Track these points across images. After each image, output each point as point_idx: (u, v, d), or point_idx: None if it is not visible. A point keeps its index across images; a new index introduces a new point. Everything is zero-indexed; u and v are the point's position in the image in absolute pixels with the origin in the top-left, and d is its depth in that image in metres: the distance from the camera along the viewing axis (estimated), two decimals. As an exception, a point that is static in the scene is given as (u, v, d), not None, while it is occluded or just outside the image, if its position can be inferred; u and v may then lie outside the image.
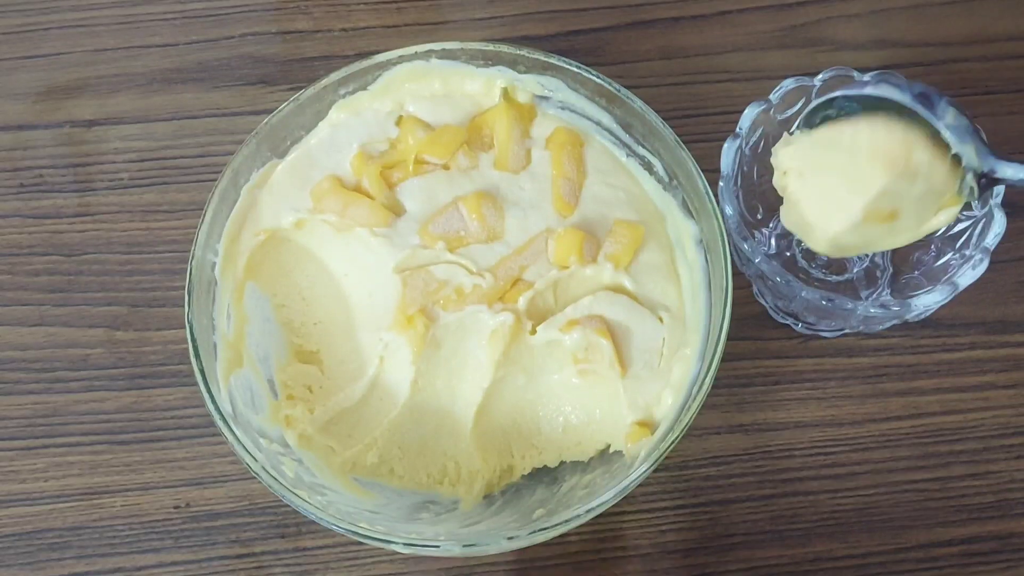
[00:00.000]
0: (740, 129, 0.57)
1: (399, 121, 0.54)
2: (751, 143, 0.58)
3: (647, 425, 0.49)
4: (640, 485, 0.56)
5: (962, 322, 0.61)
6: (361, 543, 0.55)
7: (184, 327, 0.48)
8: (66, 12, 0.71)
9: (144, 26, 0.70)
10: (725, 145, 0.56)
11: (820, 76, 0.57)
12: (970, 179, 0.48)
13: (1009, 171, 0.48)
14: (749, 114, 0.57)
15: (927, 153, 0.48)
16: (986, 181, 0.48)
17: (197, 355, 0.47)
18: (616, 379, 0.50)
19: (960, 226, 0.57)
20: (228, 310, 0.51)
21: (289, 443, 0.50)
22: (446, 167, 0.53)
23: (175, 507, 0.57)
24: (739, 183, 0.58)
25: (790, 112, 0.59)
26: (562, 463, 0.52)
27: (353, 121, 0.54)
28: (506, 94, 0.55)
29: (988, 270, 0.54)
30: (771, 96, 0.57)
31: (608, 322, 0.50)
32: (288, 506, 0.56)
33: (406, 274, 0.50)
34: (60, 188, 0.65)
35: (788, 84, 0.57)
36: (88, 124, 0.67)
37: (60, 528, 0.56)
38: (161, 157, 0.66)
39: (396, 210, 0.52)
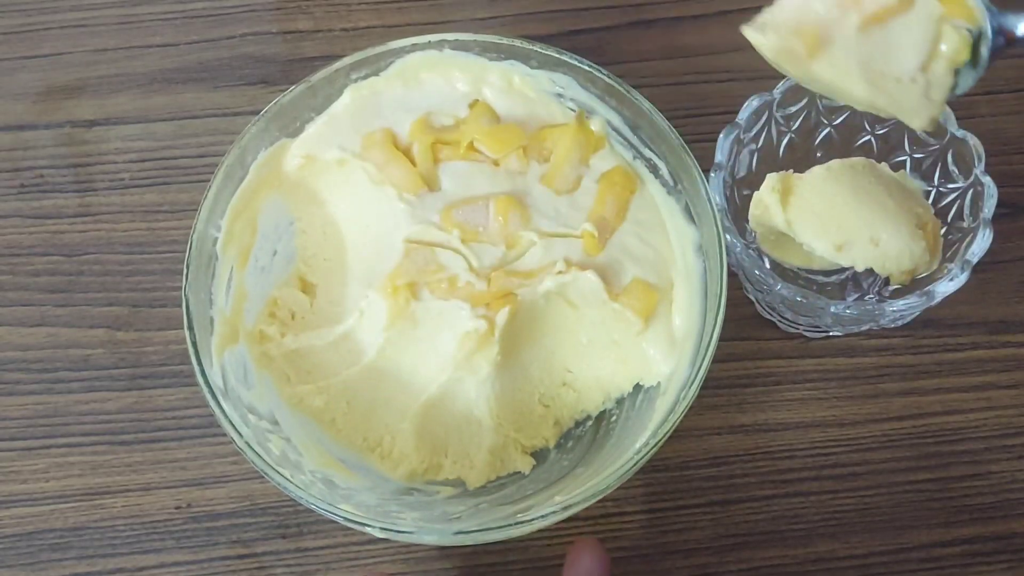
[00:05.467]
0: (740, 119, 0.57)
1: (473, 104, 0.55)
2: (752, 135, 0.58)
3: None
4: (642, 485, 0.57)
5: (963, 322, 0.61)
6: (362, 543, 0.56)
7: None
8: (66, 12, 0.71)
9: (144, 26, 0.70)
10: (721, 135, 0.56)
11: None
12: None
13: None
14: (750, 105, 0.57)
15: None
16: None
17: (191, 327, 0.48)
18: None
19: (949, 237, 0.57)
20: (228, 284, 0.52)
21: (251, 361, 0.51)
22: (496, 163, 0.53)
23: (176, 507, 0.57)
24: (736, 174, 0.58)
25: (792, 108, 0.59)
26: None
27: (430, 87, 0.55)
28: (580, 117, 0.54)
29: (989, 270, 0.54)
30: (774, 91, 0.57)
31: None
32: (289, 506, 0.56)
33: (412, 246, 0.51)
34: (61, 188, 0.65)
35: (792, 80, 0.57)
36: (88, 124, 0.67)
37: (61, 529, 0.56)
38: (162, 157, 0.66)
39: (431, 184, 0.53)
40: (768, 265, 0.55)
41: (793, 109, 0.59)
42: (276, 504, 0.57)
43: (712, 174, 0.55)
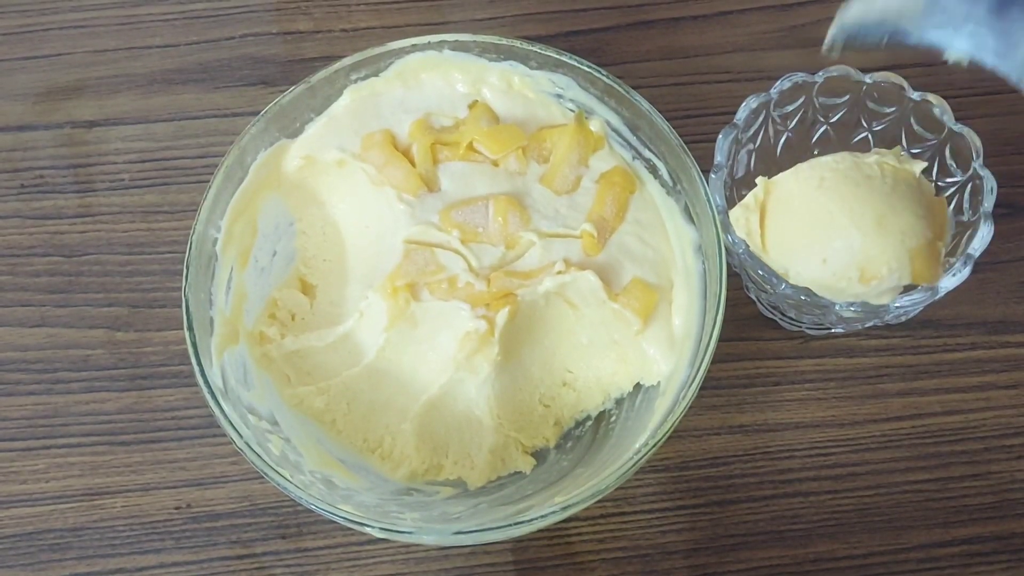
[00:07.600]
0: (738, 120, 0.57)
1: (472, 105, 0.55)
2: (749, 134, 0.58)
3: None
4: (641, 486, 0.57)
5: (963, 322, 0.61)
6: (361, 543, 0.56)
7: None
8: (66, 13, 0.71)
9: (144, 27, 0.70)
10: (720, 135, 0.56)
11: (821, 73, 0.58)
12: None
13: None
14: (748, 105, 0.57)
15: None
16: None
17: (191, 328, 0.48)
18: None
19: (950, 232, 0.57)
20: (228, 285, 0.52)
21: (251, 362, 0.51)
22: (495, 164, 0.54)
23: (176, 508, 0.57)
24: (735, 175, 0.58)
25: (790, 107, 0.59)
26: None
27: (429, 88, 0.55)
28: (579, 118, 0.55)
29: (989, 270, 0.54)
30: (771, 90, 0.57)
31: None
32: (289, 507, 0.56)
33: (411, 247, 0.51)
34: (61, 189, 0.65)
35: (789, 80, 0.57)
36: (88, 125, 0.67)
37: (61, 529, 0.56)
38: (162, 158, 0.66)
39: (431, 185, 0.53)
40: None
41: (790, 108, 0.59)
42: (276, 504, 0.57)
43: (712, 175, 0.55)
